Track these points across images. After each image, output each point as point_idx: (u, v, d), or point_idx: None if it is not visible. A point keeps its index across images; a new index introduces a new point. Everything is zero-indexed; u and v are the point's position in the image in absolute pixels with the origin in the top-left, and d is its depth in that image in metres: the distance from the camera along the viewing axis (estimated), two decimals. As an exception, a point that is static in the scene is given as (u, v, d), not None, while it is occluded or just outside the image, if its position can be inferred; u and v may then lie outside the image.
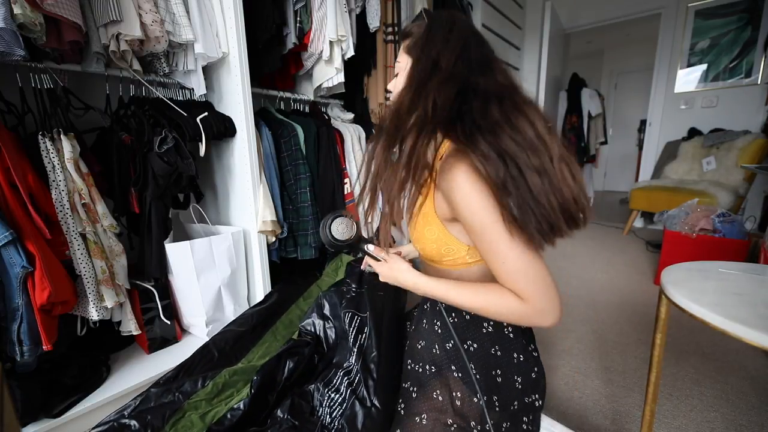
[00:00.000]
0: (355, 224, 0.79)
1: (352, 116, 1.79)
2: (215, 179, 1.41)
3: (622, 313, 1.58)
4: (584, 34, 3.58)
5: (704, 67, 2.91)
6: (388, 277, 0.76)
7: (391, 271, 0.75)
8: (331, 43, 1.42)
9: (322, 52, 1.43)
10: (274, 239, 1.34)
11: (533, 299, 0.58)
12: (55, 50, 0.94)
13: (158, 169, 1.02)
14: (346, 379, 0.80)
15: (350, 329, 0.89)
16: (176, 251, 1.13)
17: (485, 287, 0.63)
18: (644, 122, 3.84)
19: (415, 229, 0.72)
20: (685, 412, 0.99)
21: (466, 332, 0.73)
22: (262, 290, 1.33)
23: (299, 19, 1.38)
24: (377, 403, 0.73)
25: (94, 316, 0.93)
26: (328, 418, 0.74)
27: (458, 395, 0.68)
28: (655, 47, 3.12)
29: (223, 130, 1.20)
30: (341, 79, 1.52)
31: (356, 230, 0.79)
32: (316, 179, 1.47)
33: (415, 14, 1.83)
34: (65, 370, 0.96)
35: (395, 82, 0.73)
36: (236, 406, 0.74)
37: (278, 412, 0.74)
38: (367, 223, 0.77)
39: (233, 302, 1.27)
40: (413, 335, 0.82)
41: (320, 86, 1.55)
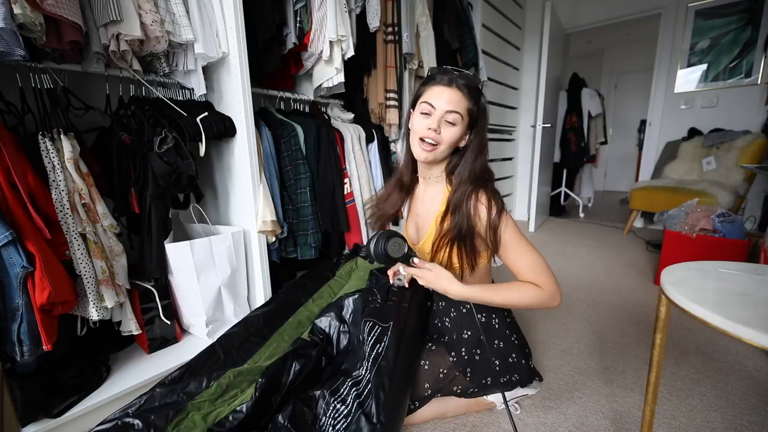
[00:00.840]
0: (406, 243, 0.84)
1: (352, 116, 1.79)
2: (215, 179, 1.41)
3: (622, 313, 1.58)
4: (584, 34, 3.58)
5: (704, 67, 2.91)
6: (432, 282, 0.86)
7: (437, 279, 0.85)
8: (331, 43, 1.42)
9: (322, 52, 1.43)
10: (274, 239, 1.34)
11: (547, 285, 0.82)
12: (55, 50, 0.94)
13: (158, 169, 1.02)
14: (354, 390, 0.78)
15: (368, 338, 0.86)
16: (176, 251, 1.12)
17: (511, 286, 0.85)
18: (644, 122, 3.85)
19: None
20: (685, 412, 0.99)
21: (464, 323, 0.93)
22: (262, 290, 1.33)
23: (299, 19, 1.38)
24: (383, 419, 0.72)
25: (94, 316, 0.93)
26: (330, 430, 0.73)
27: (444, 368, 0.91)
28: (655, 47, 3.12)
29: (223, 130, 1.20)
30: (341, 79, 1.52)
31: (407, 248, 0.84)
32: (316, 179, 1.47)
33: (415, 14, 1.84)
34: (65, 370, 0.96)
35: (451, 131, 0.85)
36: (238, 408, 0.73)
37: (280, 417, 0.73)
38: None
39: (233, 302, 1.27)
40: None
41: (320, 86, 1.55)
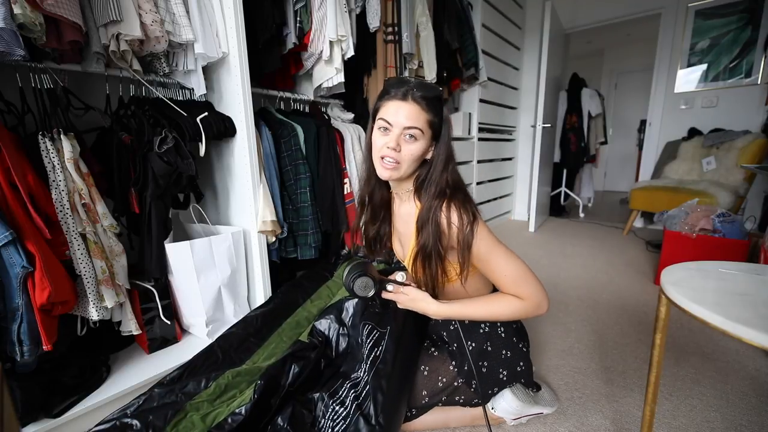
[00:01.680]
0: (373, 283, 0.83)
1: (352, 116, 1.79)
2: (215, 179, 1.41)
3: (622, 313, 1.58)
4: (584, 34, 3.58)
5: (704, 67, 2.91)
6: (408, 305, 0.86)
7: (413, 301, 0.86)
8: (331, 43, 1.42)
9: (322, 52, 1.43)
10: (274, 239, 1.34)
11: (531, 296, 0.80)
12: (55, 50, 0.94)
13: (158, 169, 1.02)
14: (352, 391, 0.78)
15: (367, 341, 0.87)
16: (176, 251, 1.12)
17: (491, 299, 0.83)
18: (644, 122, 3.85)
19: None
20: (685, 412, 0.99)
21: (467, 334, 0.89)
22: (262, 290, 1.33)
23: (299, 19, 1.38)
24: (382, 421, 0.72)
25: (94, 316, 0.93)
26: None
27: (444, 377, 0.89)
28: (655, 47, 3.11)
29: (223, 130, 1.20)
30: (341, 79, 1.52)
31: (375, 287, 0.83)
32: (316, 179, 1.47)
33: (415, 14, 1.84)
34: (65, 370, 0.96)
35: (411, 147, 0.79)
36: (237, 410, 0.73)
37: (279, 419, 0.73)
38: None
39: (233, 302, 1.27)
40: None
41: (320, 86, 1.54)
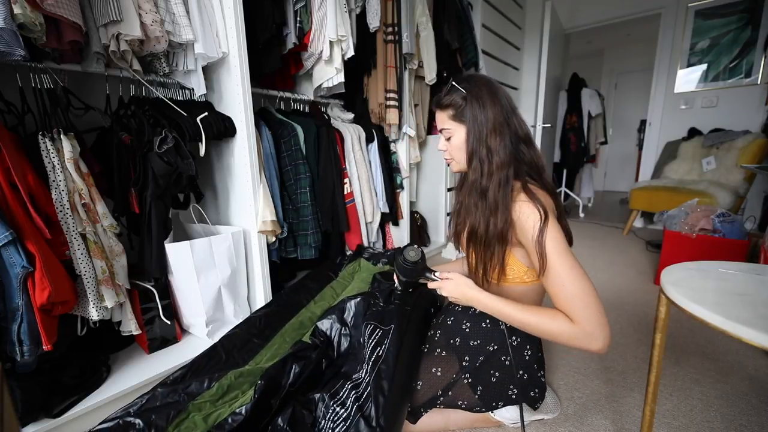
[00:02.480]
0: (422, 253, 0.86)
1: (352, 116, 1.79)
2: (215, 179, 1.41)
3: (622, 313, 1.58)
4: (584, 34, 3.58)
5: (704, 67, 2.91)
6: (454, 291, 0.84)
7: (457, 287, 0.83)
8: (331, 43, 1.42)
9: (322, 52, 1.43)
10: (274, 239, 1.34)
11: (584, 322, 0.67)
12: (55, 50, 0.94)
13: (158, 169, 1.02)
14: (353, 392, 0.78)
15: (369, 341, 0.86)
16: (176, 251, 1.12)
17: (537, 310, 0.74)
18: (644, 122, 3.84)
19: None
20: (685, 412, 0.99)
21: (489, 337, 0.87)
22: (262, 290, 1.33)
23: (299, 19, 1.38)
24: (383, 422, 0.71)
25: (94, 316, 0.93)
26: None
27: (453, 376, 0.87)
28: (655, 47, 3.12)
29: (223, 130, 1.20)
30: (341, 79, 1.52)
31: (422, 257, 0.86)
32: (316, 179, 1.47)
33: (415, 14, 1.84)
34: (65, 370, 0.96)
35: (452, 143, 0.86)
36: (238, 410, 0.73)
37: (279, 420, 0.73)
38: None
39: (233, 302, 1.27)
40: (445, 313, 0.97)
41: (320, 86, 1.55)
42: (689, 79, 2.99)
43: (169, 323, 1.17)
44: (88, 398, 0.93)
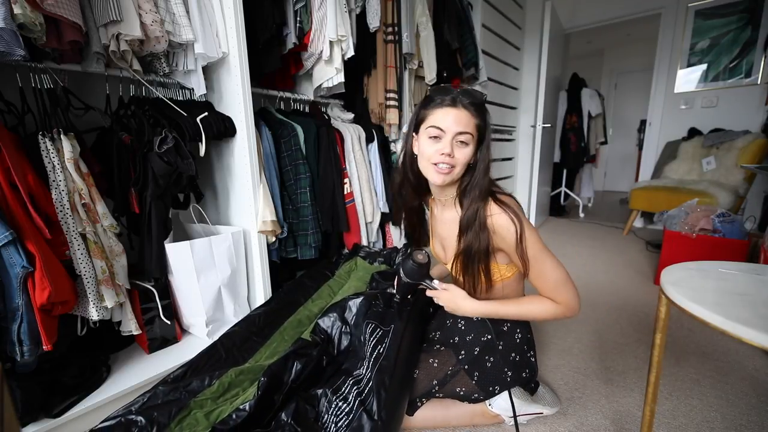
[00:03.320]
0: (429, 257, 0.88)
1: (352, 116, 1.79)
2: (215, 179, 1.41)
3: (622, 313, 1.58)
4: (584, 34, 3.58)
5: (704, 67, 2.91)
6: (449, 302, 0.89)
7: (454, 298, 0.88)
8: (331, 43, 1.41)
9: (322, 52, 1.43)
10: (274, 239, 1.34)
11: (566, 301, 0.82)
12: (55, 50, 0.94)
13: (158, 169, 1.02)
14: (355, 388, 0.79)
15: (370, 339, 0.88)
16: (176, 251, 1.12)
17: (527, 301, 0.86)
18: (644, 122, 3.85)
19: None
20: (685, 412, 0.99)
21: (481, 328, 0.92)
22: (262, 290, 1.33)
23: (299, 19, 1.38)
24: (384, 416, 0.73)
25: (94, 316, 0.93)
26: (333, 427, 0.74)
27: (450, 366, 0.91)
28: (655, 47, 3.11)
29: (223, 130, 1.20)
30: (341, 79, 1.52)
31: (428, 261, 0.87)
32: (316, 179, 1.47)
33: (415, 14, 1.84)
34: (65, 370, 0.96)
35: (464, 151, 0.82)
36: (242, 406, 0.73)
37: (283, 415, 0.74)
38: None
39: (233, 302, 1.27)
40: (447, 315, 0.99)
41: (320, 86, 1.54)
42: (689, 79, 2.99)
43: (169, 323, 1.17)
44: (88, 398, 0.93)
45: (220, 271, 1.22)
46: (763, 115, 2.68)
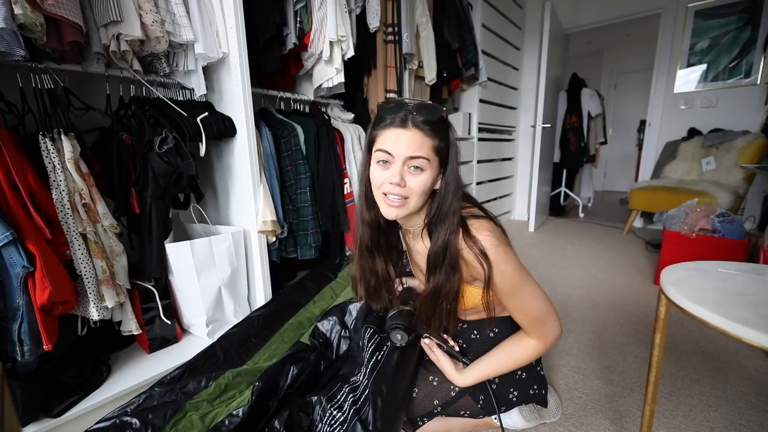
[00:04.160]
0: (407, 337, 0.83)
1: (352, 116, 1.79)
2: (215, 179, 1.41)
3: (622, 313, 1.58)
4: (584, 34, 3.58)
5: (704, 67, 2.91)
6: (436, 363, 0.86)
7: (440, 365, 0.85)
8: (331, 43, 1.42)
9: (322, 52, 1.43)
10: (274, 239, 1.34)
11: (548, 337, 0.76)
12: (55, 50, 0.94)
13: (158, 169, 1.02)
14: (351, 396, 0.77)
15: (368, 344, 0.86)
16: (176, 251, 1.13)
17: (505, 351, 0.80)
18: (644, 122, 3.84)
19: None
20: (684, 412, 0.99)
21: (483, 347, 0.87)
22: (262, 290, 1.33)
23: (299, 19, 1.38)
24: (380, 426, 0.71)
25: (94, 316, 0.93)
26: None
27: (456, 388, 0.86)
28: (654, 47, 3.11)
29: (223, 130, 1.20)
30: (341, 79, 1.52)
31: (410, 338, 0.84)
32: (316, 179, 1.47)
33: (415, 14, 1.84)
34: (65, 370, 0.96)
35: (418, 179, 0.70)
36: (235, 412, 0.72)
37: (276, 423, 0.73)
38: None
39: (233, 302, 1.27)
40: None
41: (320, 86, 1.55)
42: (689, 79, 2.99)
43: (169, 323, 1.17)
44: (88, 398, 0.93)
45: (220, 271, 1.22)
46: (762, 115, 2.68)
